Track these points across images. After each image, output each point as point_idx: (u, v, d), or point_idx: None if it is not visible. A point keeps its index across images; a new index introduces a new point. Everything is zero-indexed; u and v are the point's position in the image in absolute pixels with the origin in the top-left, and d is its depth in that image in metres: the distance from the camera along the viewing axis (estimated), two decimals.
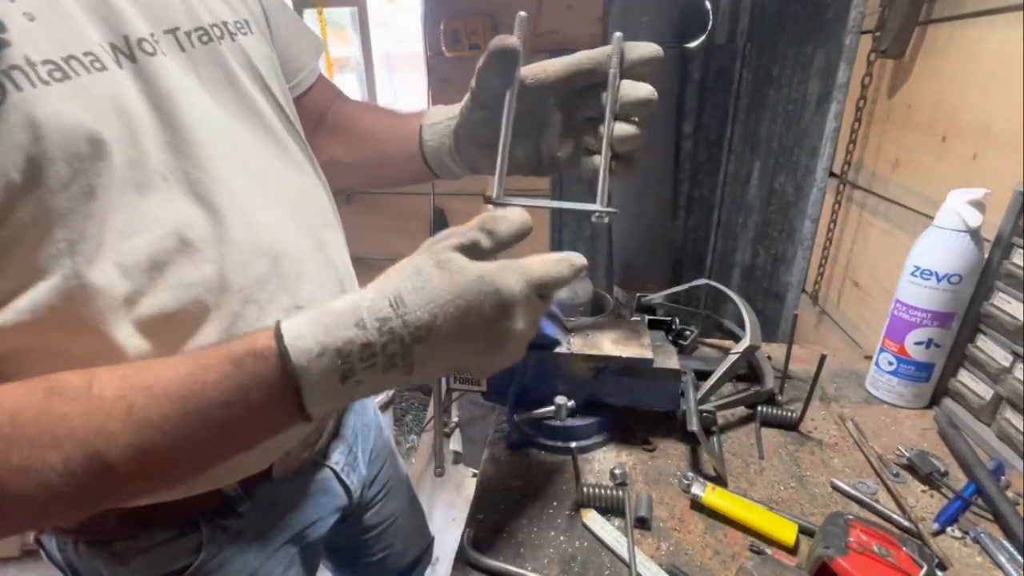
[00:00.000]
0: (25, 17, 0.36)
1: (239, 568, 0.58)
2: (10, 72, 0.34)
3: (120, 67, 0.41)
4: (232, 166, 0.48)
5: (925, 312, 0.70)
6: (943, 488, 0.61)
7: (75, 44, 0.38)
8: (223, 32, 0.50)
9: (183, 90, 0.45)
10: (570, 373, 0.68)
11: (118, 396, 0.34)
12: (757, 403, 0.74)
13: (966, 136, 0.80)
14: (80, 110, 0.37)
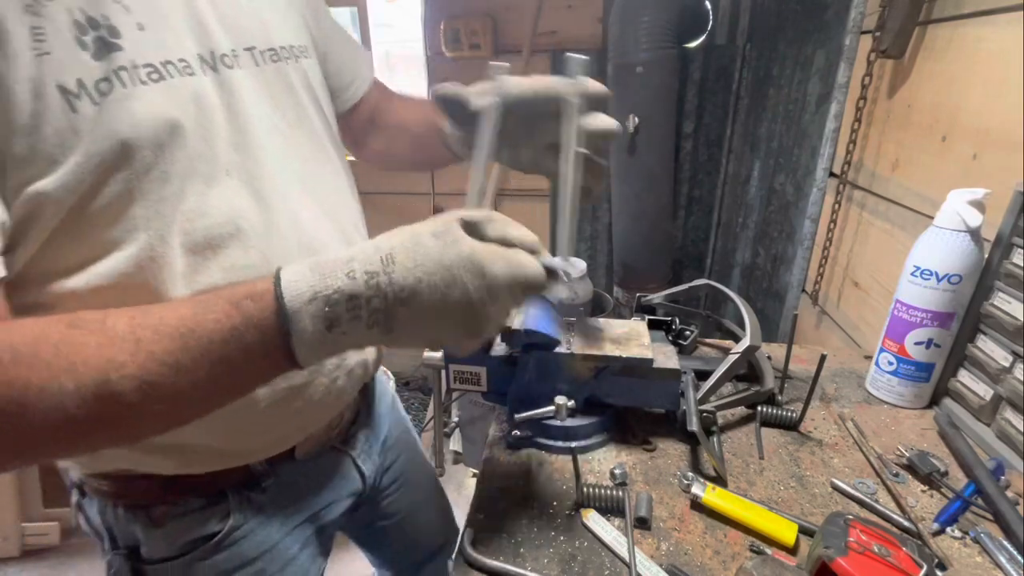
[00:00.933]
0: (137, 27, 0.44)
1: (261, 540, 0.62)
2: (118, 72, 0.42)
3: (204, 75, 0.48)
4: (285, 170, 0.55)
5: (925, 312, 0.70)
6: (943, 488, 0.61)
7: (172, 51, 0.46)
8: (289, 54, 0.58)
9: (253, 100, 0.52)
10: (570, 373, 0.68)
11: (128, 331, 0.36)
12: (757, 403, 0.74)
13: (966, 136, 0.80)
14: (168, 106, 0.44)
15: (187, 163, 0.46)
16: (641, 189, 1.95)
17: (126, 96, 0.42)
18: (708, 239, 2.28)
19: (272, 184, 0.53)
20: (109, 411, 0.36)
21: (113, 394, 0.35)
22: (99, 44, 0.41)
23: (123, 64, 0.42)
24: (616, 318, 0.78)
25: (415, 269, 0.38)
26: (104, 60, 0.42)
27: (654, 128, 1.83)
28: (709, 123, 2.11)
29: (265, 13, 0.57)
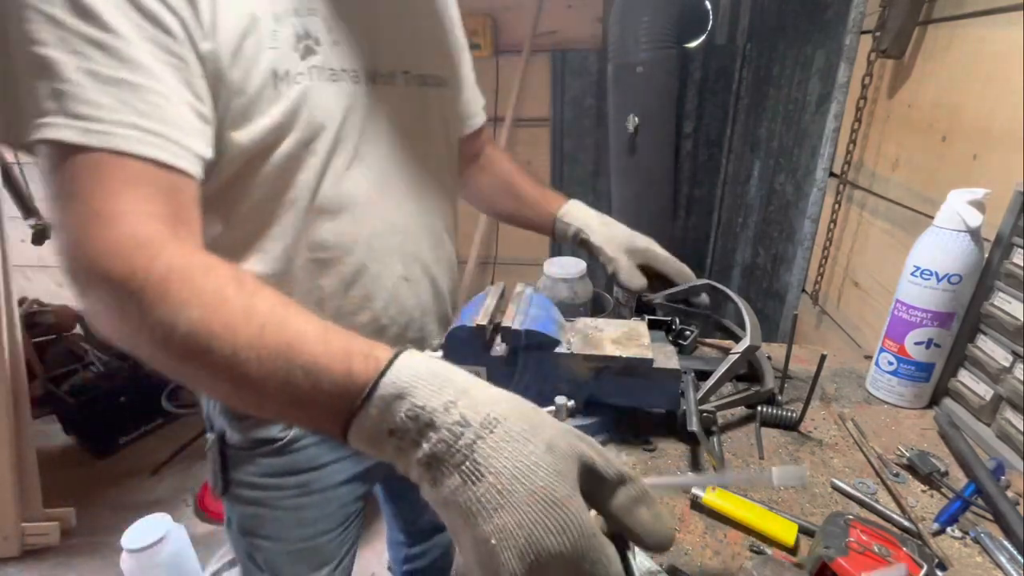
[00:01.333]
0: (333, 43, 0.60)
1: (312, 457, 0.74)
2: (310, 70, 0.58)
3: (365, 84, 0.64)
4: (400, 170, 0.69)
5: (925, 312, 0.70)
6: (943, 488, 0.61)
7: (348, 63, 0.62)
8: (433, 82, 0.73)
9: (393, 111, 0.67)
10: (570, 373, 0.68)
11: (264, 313, 0.41)
12: (757, 403, 0.74)
13: (966, 136, 0.80)
14: (336, 99, 0.60)
15: (334, 143, 0.61)
16: (641, 189, 1.95)
17: (309, 88, 0.58)
18: (708, 239, 2.28)
19: (386, 177, 0.67)
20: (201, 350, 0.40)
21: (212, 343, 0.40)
22: (305, 50, 0.57)
23: (315, 64, 0.58)
24: (616, 318, 0.78)
25: (498, 461, 0.33)
26: (305, 60, 0.58)
27: (654, 128, 1.83)
28: (709, 123, 2.11)
29: (425, 46, 0.73)
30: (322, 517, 0.79)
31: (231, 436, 0.72)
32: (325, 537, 0.80)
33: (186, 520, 2.00)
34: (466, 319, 0.67)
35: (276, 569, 0.79)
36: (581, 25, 2.03)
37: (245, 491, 0.74)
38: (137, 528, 1.56)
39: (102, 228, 0.43)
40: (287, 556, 0.78)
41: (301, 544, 0.78)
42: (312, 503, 0.76)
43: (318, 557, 0.80)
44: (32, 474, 1.88)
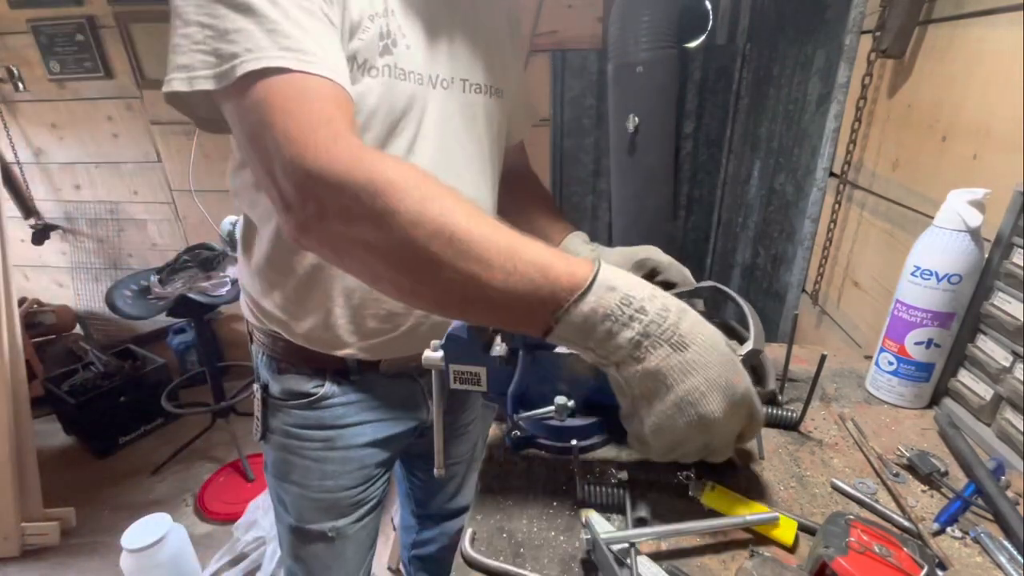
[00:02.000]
0: (406, 47, 0.69)
1: (339, 415, 0.84)
2: (386, 68, 0.67)
3: (427, 87, 0.72)
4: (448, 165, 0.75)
5: (925, 312, 0.70)
6: (943, 488, 0.61)
7: (417, 67, 0.70)
8: (488, 91, 0.80)
9: (447, 113, 0.75)
10: (570, 373, 0.68)
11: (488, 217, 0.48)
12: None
13: (966, 136, 0.80)
14: (401, 95, 0.69)
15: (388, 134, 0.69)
16: (641, 189, 1.95)
17: (387, 80, 0.67)
18: (708, 239, 2.28)
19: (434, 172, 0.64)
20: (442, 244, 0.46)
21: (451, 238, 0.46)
22: (384, 48, 0.66)
23: (389, 63, 0.67)
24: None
25: (697, 335, 0.46)
26: (384, 58, 0.66)
27: (654, 128, 1.83)
28: (709, 123, 2.11)
29: (486, 58, 0.79)
30: (343, 473, 0.87)
31: (273, 387, 0.84)
32: (345, 492, 0.89)
33: (186, 520, 2.00)
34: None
35: (300, 513, 0.89)
36: (581, 25, 2.03)
37: (279, 438, 0.86)
38: (137, 528, 1.56)
39: (326, 139, 0.49)
40: (310, 502, 0.88)
41: (323, 494, 0.88)
42: (335, 458, 0.86)
43: (336, 509, 0.89)
44: (32, 474, 1.88)
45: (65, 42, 2.34)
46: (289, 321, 0.79)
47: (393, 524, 1.92)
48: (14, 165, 2.62)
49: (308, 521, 0.89)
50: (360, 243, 0.49)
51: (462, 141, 0.78)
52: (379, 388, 0.86)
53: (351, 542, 0.92)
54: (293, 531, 0.91)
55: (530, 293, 0.45)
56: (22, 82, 2.47)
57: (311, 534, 0.89)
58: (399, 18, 0.67)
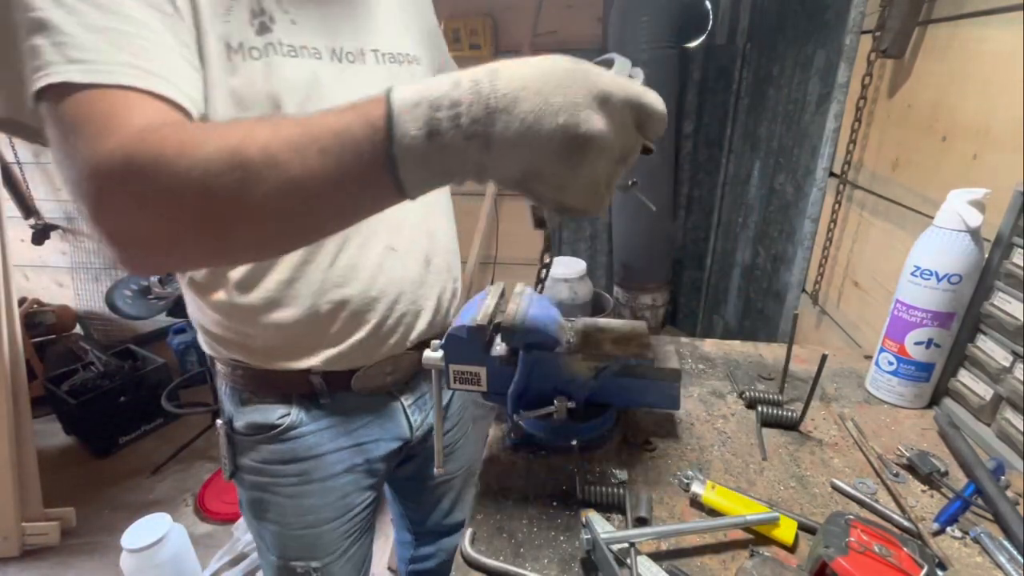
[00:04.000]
0: (291, 22, 0.62)
1: (311, 445, 0.77)
2: (266, 47, 0.60)
3: (331, 62, 0.65)
4: None
5: (925, 312, 0.70)
6: (943, 488, 0.61)
7: (308, 41, 0.63)
8: (404, 59, 0.74)
9: (361, 88, 0.56)
10: (570, 373, 0.68)
11: (270, 122, 0.41)
12: (757, 403, 0.74)
13: (966, 136, 0.80)
14: (297, 75, 0.62)
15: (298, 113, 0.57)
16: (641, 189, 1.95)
17: (270, 62, 0.60)
18: (708, 239, 2.28)
19: None
20: (234, 177, 0.39)
21: (242, 159, 0.39)
22: (260, 26, 0.60)
23: (271, 42, 0.60)
24: (616, 318, 0.78)
25: (520, 78, 0.37)
26: (262, 36, 0.60)
27: None
28: (709, 123, 2.11)
29: (394, 27, 0.74)
30: (323, 506, 0.81)
31: (237, 422, 0.78)
32: (328, 526, 0.82)
33: (186, 520, 2.00)
34: (466, 319, 0.67)
35: (282, 551, 0.83)
36: (581, 25, 2.03)
37: (250, 476, 0.80)
38: (137, 528, 1.56)
39: (114, 130, 0.43)
40: (291, 540, 0.82)
41: (304, 530, 0.81)
42: (312, 491, 0.79)
43: (320, 545, 0.83)
44: (32, 474, 1.88)
45: None
46: (246, 341, 0.72)
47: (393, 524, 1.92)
48: (14, 165, 2.62)
49: (292, 559, 0.83)
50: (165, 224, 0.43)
51: None
52: (353, 410, 0.80)
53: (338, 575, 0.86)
54: (276, 569, 0.85)
55: (348, 162, 0.39)
56: None
57: (295, 572, 0.84)
58: None
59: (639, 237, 2.04)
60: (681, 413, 0.76)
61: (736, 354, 0.91)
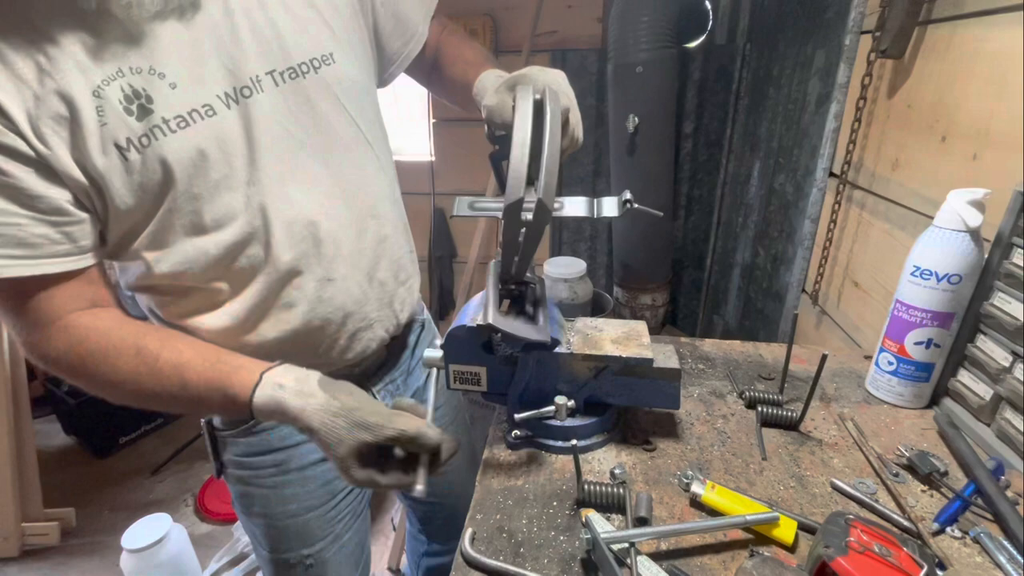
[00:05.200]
0: (169, 87, 0.58)
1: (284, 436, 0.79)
2: (152, 130, 0.58)
3: (228, 108, 0.62)
4: (295, 170, 0.68)
5: (925, 312, 0.70)
6: (943, 488, 0.61)
7: (198, 99, 0.60)
8: (308, 68, 0.68)
9: (269, 119, 0.65)
10: (570, 373, 0.68)
11: (166, 364, 0.62)
12: (757, 402, 0.74)
13: (966, 136, 0.80)
14: (194, 145, 0.60)
15: (211, 182, 0.62)
16: (641, 189, 1.95)
17: (159, 146, 0.58)
18: (708, 239, 2.28)
19: (284, 189, 0.67)
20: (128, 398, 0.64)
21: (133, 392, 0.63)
22: (140, 110, 0.57)
23: (155, 123, 0.58)
24: (616, 318, 0.78)
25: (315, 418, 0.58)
26: (143, 121, 0.57)
27: (654, 128, 1.83)
28: (709, 123, 2.11)
29: (288, 32, 0.66)
30: (304, 494, 0.82)
31: (216, 420, 0.81)
32: (312, 514, 0.83)
33: (186, 520, 2.00)
34: (465, 319, 0.67)
35: (272, 544, 0.85)
36: (581, 25, 2.03)
37: (234, 471, 0.82)
38: (137, 528, 1.56)
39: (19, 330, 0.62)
40: (278, 531, 0.84)
41: (289, 520, 0.83)
42: (291, 480, 0.81)
43: (308, 533, 0.84)
44: (32, 474, 1.88)
45: None
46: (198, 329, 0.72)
47: (393, 524, 1.92)
48: None
49: (283, 551, 0.85)
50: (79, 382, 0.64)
51: (304, 135, 0.68)
52: None
53: (332, 565, 0.87)
54: (271, 563, 0.86)
55: (219, 404, 0.62)
56: None
57: (288, 564, 0.85)
58: (150, 57, 0.58)
59: (639, 237, 2.04)
60: (681, 413, 0.76)
61: (736, 354, 0.91)
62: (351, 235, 0.74)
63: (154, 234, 0.63)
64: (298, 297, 0.71)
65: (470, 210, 0.66)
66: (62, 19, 0.55)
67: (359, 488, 0.90)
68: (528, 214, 0.57)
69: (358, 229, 0.74)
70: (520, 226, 0.58)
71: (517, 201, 0.56)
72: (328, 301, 0.73)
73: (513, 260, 0.64)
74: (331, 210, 0.71)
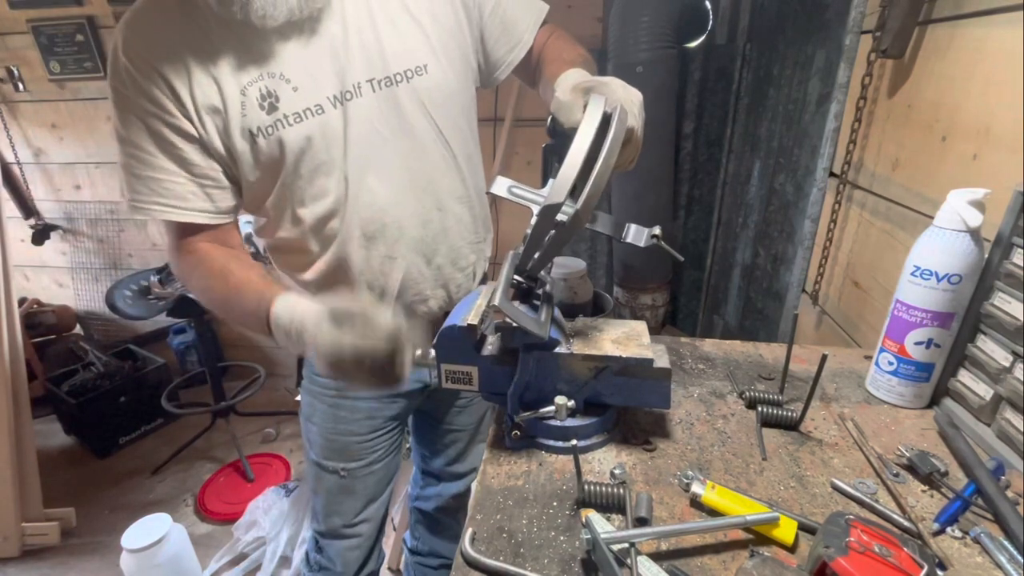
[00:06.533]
0: (292, 89, 0.77)
1: None
2: (276, 122, 0.77)
3: (335, 108, 0.79)
4: (380, 166, 0.83)
5: (925, 312, 0.70)
6: (943, 488, 0.61)
7: (312, 100, 0.77)
8: (402, 77, 0.82)
9: (364, 119, 0.81)
10: (570, 373, 0.68)
11: (233, 279, 0.80)
12: (757, 402, 0.74)
13: (966, 136, 0.80)
14: (304, 135, 0.78)
15: (312, 166, 0.80)
16: (641, 189, 1.95)
17: (280, 135, 0.77)
18: (708, 239, 2.28)
19: (361, 175, 0.82)
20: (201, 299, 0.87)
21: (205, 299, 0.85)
22: (270, 107, 0.76)
23: (279, 117, 0.76)
24: (616, 318, 0.78)
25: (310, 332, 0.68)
26: (271, 115, 0.76)
27: (654, 128, 1.82)
28: (709, 123, 2.11)
29: (389, 46, 0.81)
30: (352, 420, 1.02)
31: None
32: (355, 437, 1.03)
33: (186, 520, 2.00)
34: (457, 319, 0.67)
35: (317, 450, 1.06)
36: (581, 25, 2.03)
37: (308, 384, 1.03)
38: (137, 528, 1.56)
39: (168, 252, 0.87)
40: (326, 442, 1.04)
41: (336, 436, 1.03)
42: (345, 405, 1.01)
43: (347, 452, 1.05)
44: (32, 474, 1.88)
45: (65, 42, 2.35)
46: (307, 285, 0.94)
47: (393, 524, 1.92)
48: (14, 165, 2.62)
49: (325, 459, 1.05)
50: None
51: (391, 139, 0.82)
52: None
53: (360, 482, 1.07)
54: (314, 465, 1.07)
55: (254, 321, 0.76)
56: (22, 82, 2.47)
57: (327, 470, 1.05)
58: (281, 68, 0.75)
59: None
60: (681, 413, 0.76)
61: (736, 354, 0.91)
62: (415, 224, 0.88)
63: (274, 203, 0.83)
64: (364, 268, 0.88)
65: (508, 193, 0.67)
66: (225, 34, 0.74)
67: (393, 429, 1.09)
68: (564, 218, 0.59)
69: (422, 220, 0.88)
70: (552, 227, 0.60)
71: (557, 204, 0.58)
72: (388, 275, 0.89)
73: (533, 256, 0.65)
74: (400, 201, 0.85)
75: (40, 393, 2.39)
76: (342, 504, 1.09)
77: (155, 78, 0.73)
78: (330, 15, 0.77)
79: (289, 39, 0.76)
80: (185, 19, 0.74)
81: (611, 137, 0.58)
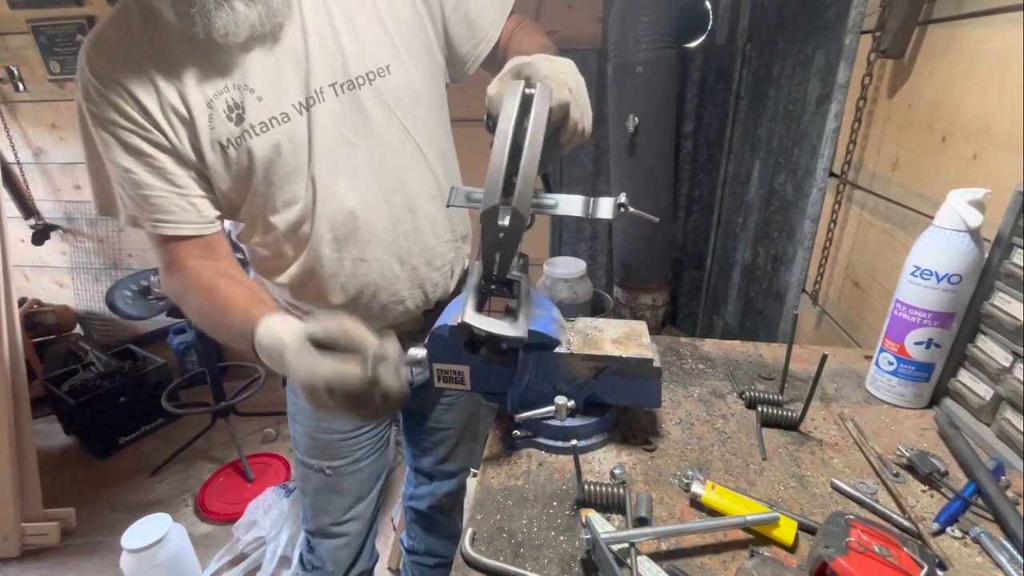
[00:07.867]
0: (257, 99, 0.77)
1: None
2: (244, 133, 0.77)
3: (300, 115, 0.79)
4: (346, 168, 0.83)
5: (925, 312, 0.70)
6: (943, 488, 0.61)
7: (278, 108, 0.78)
8: (364, 80, 0.82)
9: (328, 123, 0.80)
10: (570, 373, 0.68)
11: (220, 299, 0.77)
12: (757, 403, 0.74)
13: (966, 136, 0.80)
14: (272, 144, 0.78)
15: (281, 172, 0.80)
16: (641, 189, 1.95)
17: (249, 145, 0.77)
18: (708, 239, 2.28)
19: (329, 179, 0.82)
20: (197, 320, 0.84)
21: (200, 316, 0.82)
22: (237, 118, 0.76)
23: (246, 128, 0.77)
24: (616, 318, 0.78)
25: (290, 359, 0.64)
26: (239, 126, 0.77)
27: (654, 128, 1.83)
28: (709, 123, 2.11)
29: (350, 49, 0.80)
30: (333, 417, 1.01)
31: None
32: (336, 436, 1.04)
33: (186, 520, 2.00)
34: (448, 318, 0.67)
35: (302, 448, 1.07)
36: (581, 25, 2.03)
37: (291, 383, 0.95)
38: (137, 528, 1.56)
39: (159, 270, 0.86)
40: (310, 440, 1.05)
41: (317, 434, 1.04)
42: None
43: (331, 450, 1.05)
44: (32, 474, 1.88)
45: (65, 42, 2.35)
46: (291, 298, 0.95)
47: (393, 525, 1.92)
48: (14, 165, 2.62)
49: (311, 457, 1.06)
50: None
51: (356, 139, 0.82)
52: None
53: (347, 480, 1.07)
54: (300, 464, 1.08)
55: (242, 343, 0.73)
56: (22, 82, 2.47)
57: (312, 468, 1.06)
58: (244, 80, 0.75)
59: (639, 237, 2.04)
60: (681, 413, 0.76)
61: (736, 354, 0.91)
62: (386, 225, 0.87)
63: (247, 210, 0.84)
64: (336, 271, 0.88)
65: (467, 201, 0.65)
66: (189, 49, 0.74)
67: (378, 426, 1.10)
68: (505, 220, 0.55)
69: (393, 221, 0.88)
70: (499, 231, 0.56)
71: (493, 208, 0.54)
72: (361, 277, 0.89)
73: (494, 262, 0.62)
74: (369, 203, 0.85)
75: (40, 393, 2.39)
76: (329, 503, 1.08)
77: (121, 92, 0.73)
78: (291, 22, 0.77)
79: (252, 50, 0.76)
80: (148, 36, 0.73)
81: (532, 119, 0.54)
